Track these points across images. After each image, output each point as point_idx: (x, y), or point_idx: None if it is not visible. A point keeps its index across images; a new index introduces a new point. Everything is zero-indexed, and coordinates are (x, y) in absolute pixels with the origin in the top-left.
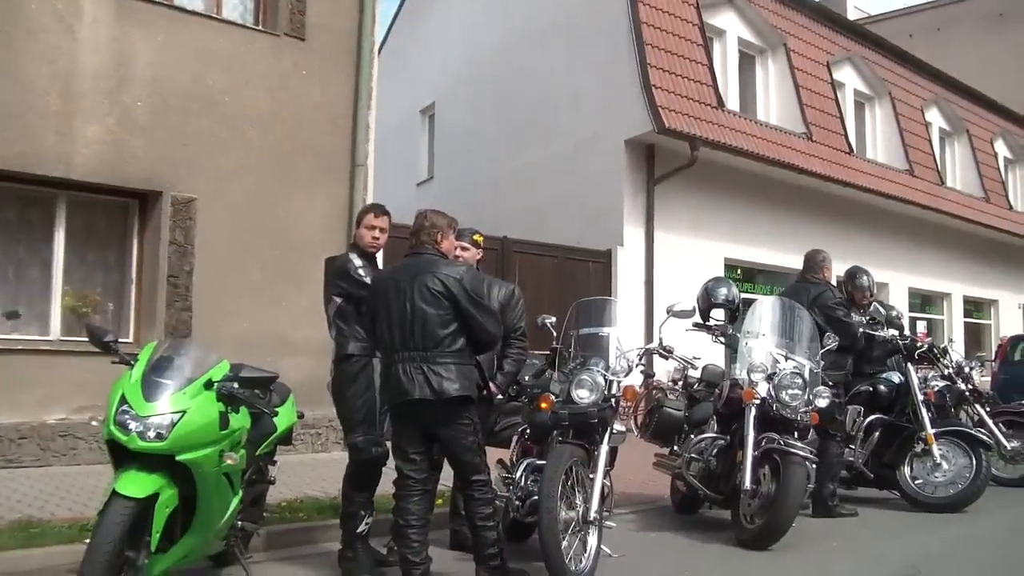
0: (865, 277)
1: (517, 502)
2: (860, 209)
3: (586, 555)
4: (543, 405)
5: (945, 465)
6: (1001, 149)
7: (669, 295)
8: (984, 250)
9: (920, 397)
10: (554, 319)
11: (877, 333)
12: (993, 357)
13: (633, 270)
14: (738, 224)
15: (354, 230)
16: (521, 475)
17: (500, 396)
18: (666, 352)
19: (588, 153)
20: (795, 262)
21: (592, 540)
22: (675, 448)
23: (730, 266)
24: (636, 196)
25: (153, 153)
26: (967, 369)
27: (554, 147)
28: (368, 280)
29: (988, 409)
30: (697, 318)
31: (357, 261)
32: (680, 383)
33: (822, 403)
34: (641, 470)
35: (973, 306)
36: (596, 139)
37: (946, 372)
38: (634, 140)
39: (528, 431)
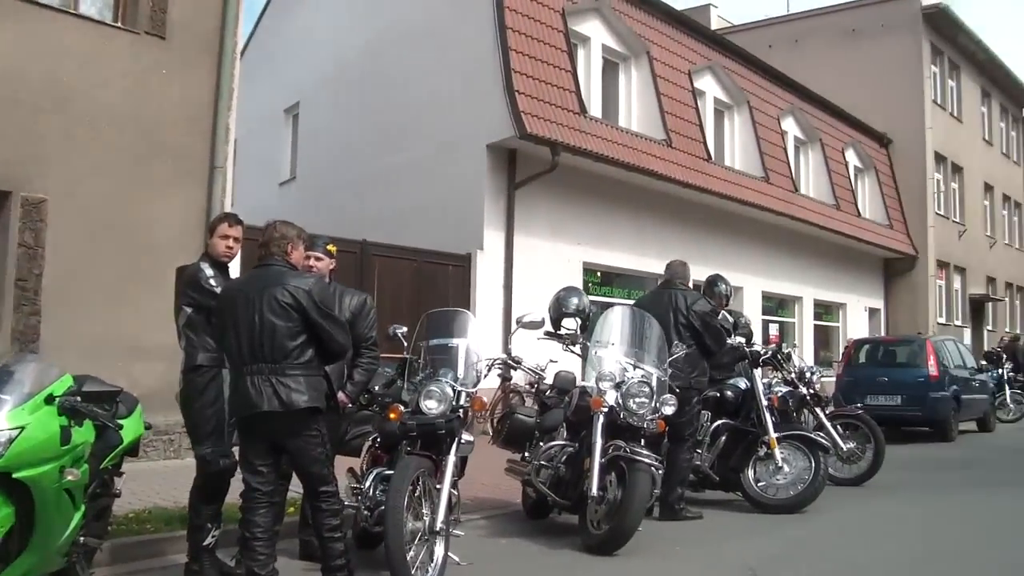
0: (723, 285)
1: (366, 512)
2: (717, 215)
3: (433, 565)
4: (391, 415)
5: (786, 468)
6: (852, 158)
7: (528, 299)
8: (834, 255)
9: (764, 402)
10: (405, 329)
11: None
12: (840, 358)
13: (492, 274)
14: (598, 229)
15: (207, 239)
16: (370, 485)
17: (350, 405)
18: (514, 363)
19: (451, 157)
20: (653, 266)
21: (439, 550)
22: (526, 454)
23: (589, 270)
24: (497, 200)
25: (1, 152)
26: (808, 375)
27: (417, 150)
28: (219, 290)
29: (827, 412)
30: (548, 327)
31: (208, 271)
32: (536, 388)
33: (668, 411)
34: (495, 474)
35: (823, 309)
36: (459, 143)
37: (789, 377)
38: (496, 145)
39: (379, 440)
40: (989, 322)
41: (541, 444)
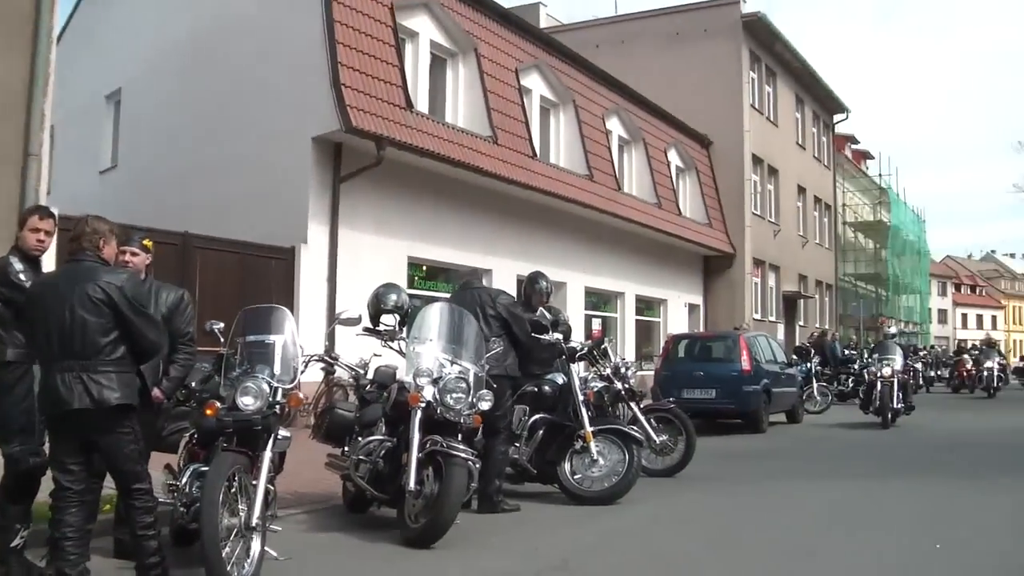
0: (544, 282)
1: (182, 508)
2: (542, 211)
3: (249, 561)
4: (208, 412)
5: (601, 461)
6: (674, 158)
7: (353, 293)
8: (656, 252)
9: (580, 398)
10: (222, 325)
11: (543, 337)
12: (660, 353)
13: (316, 268)
14: (423, 223)
15: (17, 232)
16: (186, 481)
17: (166, 401)
18: (331, 360)
19: (276, 148)
20: (478, 261)
21: (255, 545)
22: (346, 449)
23: (414, 264)
24: (322, 194)
25: None
26: (623, 370)
27: (242, 141)
28: (28, 285)
29: (641, 406)
30: (367, 323)
31: (17, 265)
32: (357, 383)
33: (485, 406)
34: (316, 469)
35: (644, 304)
36: (284, 135)
37: (604, 373)
38: (322, 138)
39: (196, 436)
40: (801, 318)
41: (360, 439)
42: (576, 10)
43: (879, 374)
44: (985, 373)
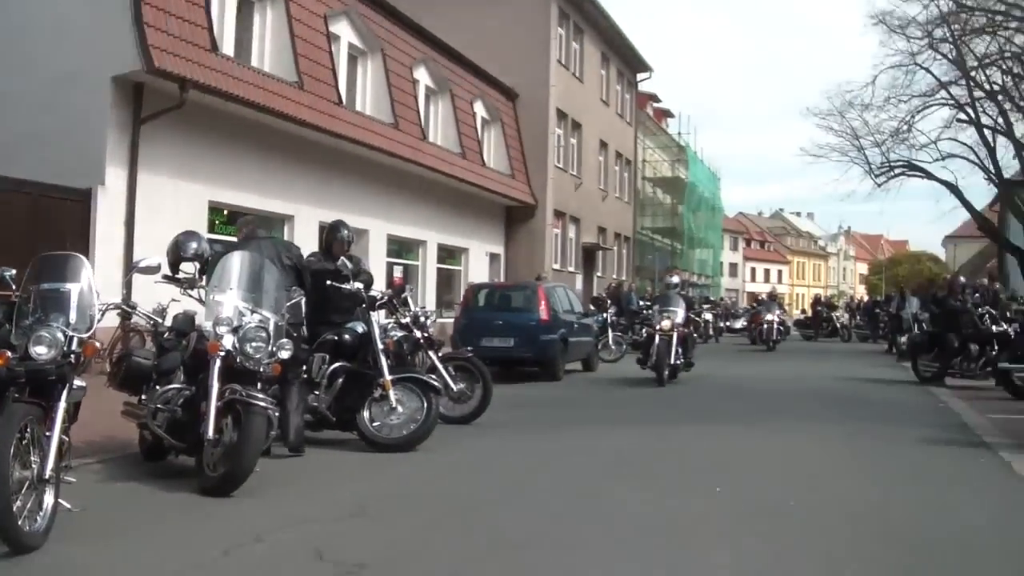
0: (345, 231)
1: None
2: (347, 159)
3: (42, 513)
4: None
5: (400, 408)
6: (479, 110)
7: (152, 238)
8: (459, 202)
9: (380, 346)
10: (14, 271)
11: (343, 286)
12: (460, 302)
13: (114, 211)
14: (225, 168)
15: None
16: None
17: None
18: (129, 308)
19: (71, 86)
20: (280, 207)
21: (48, 498)
22: (143, 397)
23: (215, 209)
24: (121, 135)
25: None
26: (423, 319)
27: (34, 77)
28: None
29: (439, 355)
30: (166, 271)
31: None
32: (154, 330)
33: (285, 355)
34: (112, 418)
35: (446, 253)
36: (81, 73)
37: (404, 322)
38: (122, 77)
39: None
40: (599, 269)
41: (158, 387)
42: None
43: (658, 327)
44: (765, 326)
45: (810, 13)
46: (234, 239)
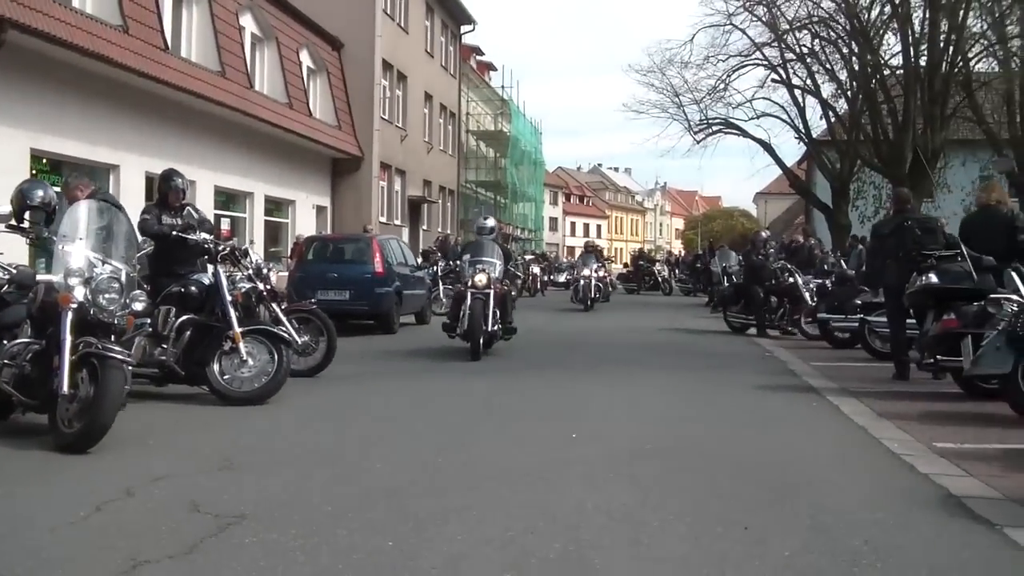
0: (179, 179)
1: None
2: (173, 107)
3: None
4: None
5: (251, 361)
6: (306, 59)
7: None
8: (286, 153)
9: (228, 298)
10: None
11: (188, 236)
12: (289, 255)
13: None
14: (48, 115)
15: None
16: None
17: None
18: None
19: None
20: (106, 156)
21: None
22: None
23: (37, 157)
24: None
25: None
26: (265, 271)
27: None
28: None
29: (282, 308)
30: (11, 220)
31: None
32: None
33: (139, 307)
34: None
35: (274, 205)
36: None
37: (246, 273)
38: None
39: None
40: (424, 222)
41: (4, 343)
42: None
43: (470, 283)
44: (582, 282)
45: None
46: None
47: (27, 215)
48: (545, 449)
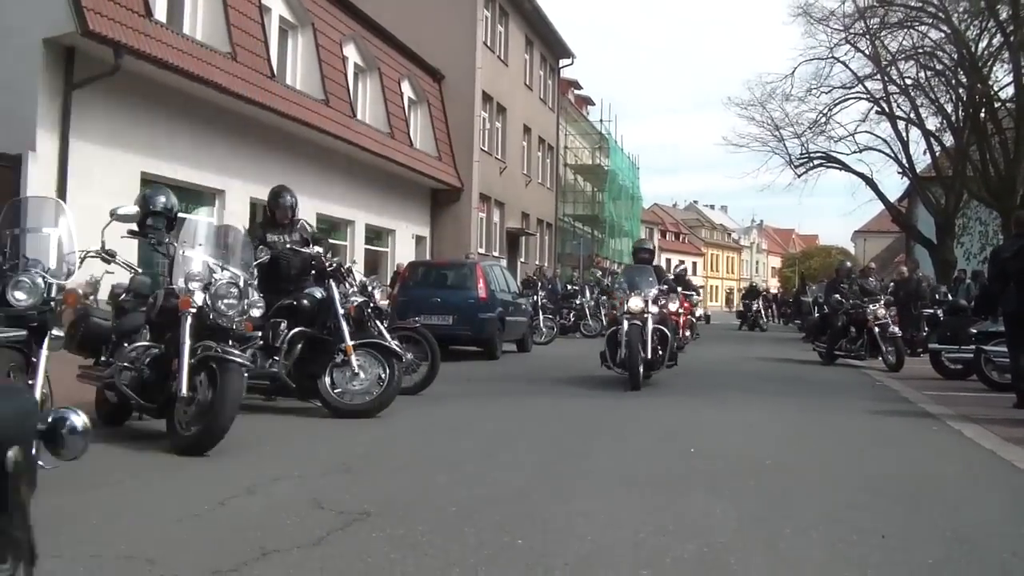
0: (288, 196)
1: None
2: (277, 133)
3: None
4: None
5: (362, 374)
6: (407, 90)
7: (84, 207)
8: (386, 182)
9: (341, 311)
10: None
11: (303, 250)
12: (389, 283)
13: (44, 179)
14: (158, 139)
15: None
16: None
17: None
18: (108, 256)
19: (1, 49)
20: (211, 181)
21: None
22: (103, 359)
23: (148, 181)
24: (52, 100)
25: None
26: (370, 288)
27: None
28: None
29: (387, 326)
30: (134, 225)
31: None
32: (111, 292)
33: (256, 313)
34: (58, 383)
35: (374, 234)
36: (10, 34)
37: (352, 290)
38: (54, 40)
39: None
40: (522, 254)
41: (124, 346)
42: None
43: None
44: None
45: (719, 5)
46: None
47: (149, 220)
48: (665, 462)
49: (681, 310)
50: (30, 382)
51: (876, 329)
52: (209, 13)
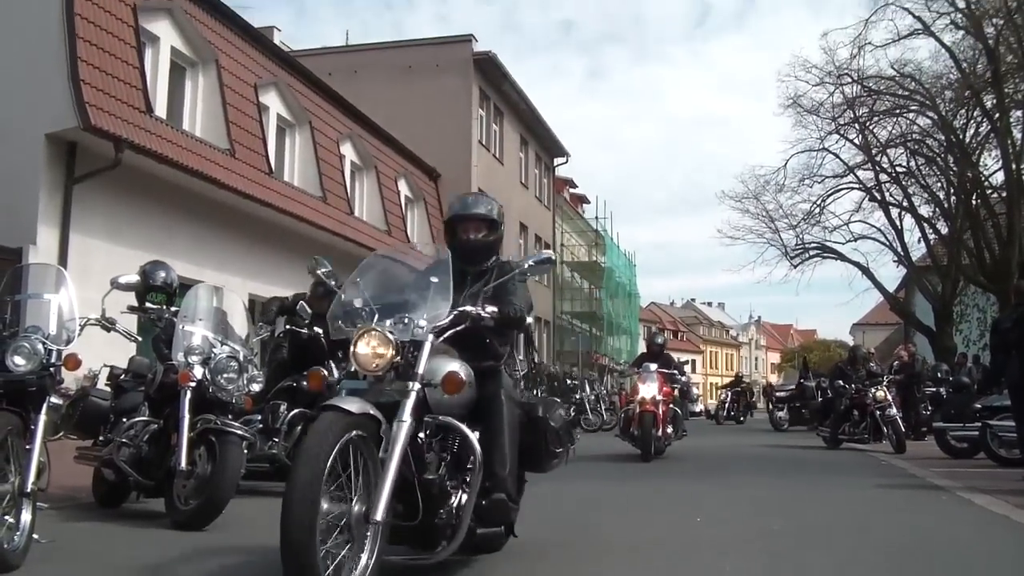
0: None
1: None
2: (275, 230)
3: (20, 532)
4: None
5: None
6: (404, 188)
7: (83, 299)
8: None
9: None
10: None
11: (302, 331)
12: None
13: None
14: (157, 234)
15: None
16: None
17: None
18: (109, 324)
19: (2, 143)
20: (211, 277)
21: (26, 515)
22: (100, 439)
23: None
24: (53, 194)
25: None
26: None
27: None
28: None
29: None
30: (134, 301)
31: None
32: (109, 372)
33: (256, 387)
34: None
35: None
36: (13, 129)
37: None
38: (56, 135)
39: None
40: (521, 352)
41: (123, 421)
42: (305, 39)
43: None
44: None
45: (714, 106)
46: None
47: (148, 296)
48: (671, 530)
49: (660, 397)
50: (27, 447)
51: (878, 412)
52: (208, 110)
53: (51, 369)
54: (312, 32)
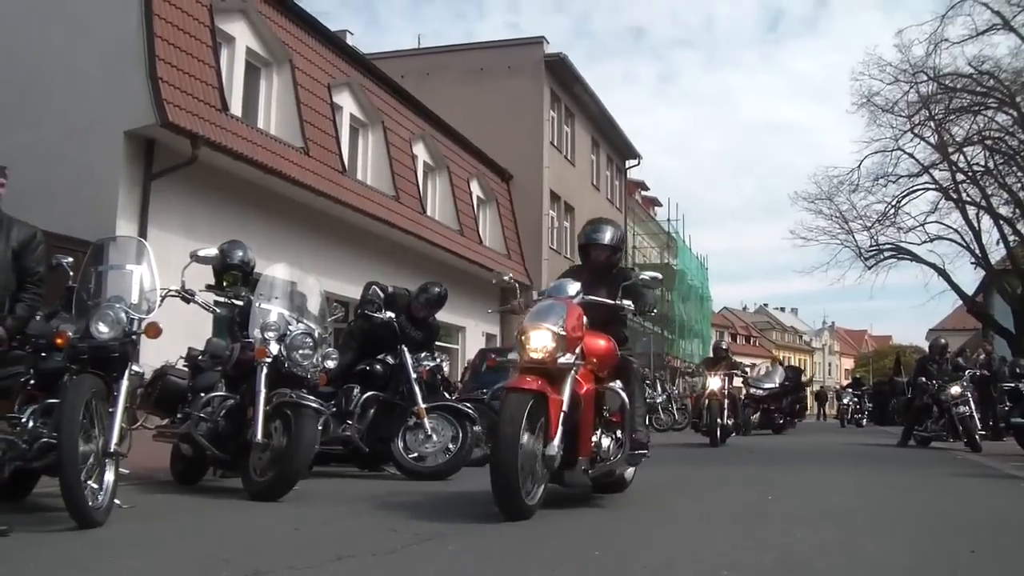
0: (436, 289)
1: (24, 446)
2: (348, 228)
3: (103, 491)
4: (59, 341)
5: (435, 437)
6: (476, 189)
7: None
8: (456, 279)
9: (414, 375)
10: (71, 259)
11: (376, 315)
12: (460, 377)
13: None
14: (232, 229)
15: None
16: (27, 418)
17: (5, 339)
18: (188, 295)
19: (84, 141)
20: (284, 273)
21: (109, 475)
22: (178, 416)
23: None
24: (132, 190)
25: None
26: (439, 361)
27: (47, 131)
28: None
29: (455, 398)
30: (211, 279)
31: None
32: (187, 355)
33: (331, 364)
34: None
35: (444, 331)
36: (93, 127)
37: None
38: (134, 132)
39: (32, 380)
40: None
41: (201, 396)
42: (377, 43)
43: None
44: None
45: (784, 112)
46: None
47: (226, 275)
48: (743, 505)
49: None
50: (111, 410)
51: (952, 409)
52: (282, 109)
53: (133, 337)
54: (384, 41)
